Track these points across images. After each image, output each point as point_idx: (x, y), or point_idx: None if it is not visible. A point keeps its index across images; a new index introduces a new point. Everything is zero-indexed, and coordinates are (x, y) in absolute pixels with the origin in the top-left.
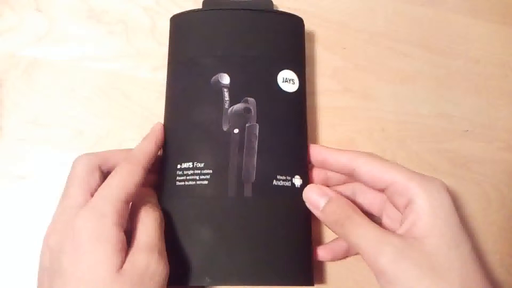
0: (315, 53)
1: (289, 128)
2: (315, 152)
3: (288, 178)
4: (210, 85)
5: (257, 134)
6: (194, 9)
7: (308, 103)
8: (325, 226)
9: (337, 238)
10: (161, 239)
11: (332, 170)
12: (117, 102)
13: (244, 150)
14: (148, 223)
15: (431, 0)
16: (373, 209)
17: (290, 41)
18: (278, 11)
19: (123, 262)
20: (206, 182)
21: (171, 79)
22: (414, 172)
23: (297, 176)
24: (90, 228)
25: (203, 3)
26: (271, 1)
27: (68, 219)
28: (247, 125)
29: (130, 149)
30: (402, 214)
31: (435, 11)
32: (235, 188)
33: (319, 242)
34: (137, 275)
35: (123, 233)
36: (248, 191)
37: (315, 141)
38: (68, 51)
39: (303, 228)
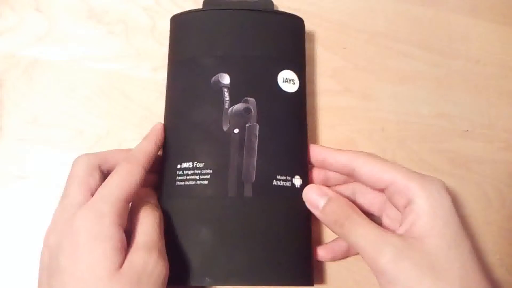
0: (315, 53)
1: (289, 128)
2: (315, 152)
3: (288, 178)
4: (210, 85)
5: (257, 134)
6: (194, 9)
7: (308, 103)
8: (325, 226)
9: (337, 238)
10: (160, 238)
11: (332, 170)
12: (117, 102)
13: (244, 150)
14: (147, 223)
15: (431, 0)
16: (373, 209)
17: (290, 41)
18: (278, 11)
19: (122, 261)
20: (206, 182)
21: (171, 79)
22: (414, 172)
23: (297, 176)
24: (89, 227)
25: (203, 3)
26: (271, 1)
27: (67, 218)
28: (247, 125)
29: (130, 149)
30: (402, 214)
31: (435, 11)
32: (235, 188)
33: (319, 242)
34: (135, 274)
35: (122, 232)
36: (248, 191)
37: (315, 141)
38: (68, 51)
39: (303, 228)
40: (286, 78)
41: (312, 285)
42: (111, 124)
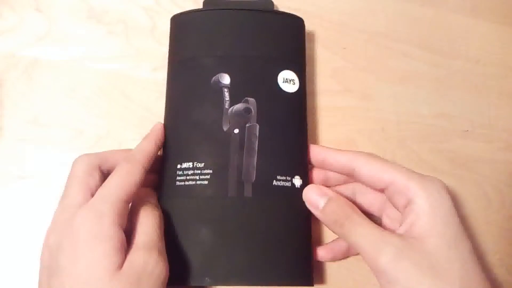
0: (315, 53)
1: (289, 128)
2: (315, 152)
3: (288, 178)
4: (211, 85)
5: (257, 134)
6: (194, 9)
7: (308, 103)
8: (325, 226)
9: (337, 238)
10: (160, 238)
11: (332, 170)
12: (117, 102)
13: (244, 150)
14: (147, 223)
15: (431, 0)
16: (373, 209)
17: (290, 41)
18: (278, 11)
19: (122, 261)
20: (206, 182)
21: (171, 79)
22: (414, 172)
23: (297, 176)
24: (89, 227)
25: (203, 3)
26: (271, 1)
27: (67, 219)
28: (247, 125)
29: (130, 149)
30: (402, 214)
31: (435, 11)
32: (235, 188)
33: (319, 242)
34: (135, 274)
35: (122, 232)
36: (248, 191)
37: (315, 141)
38: (68, 51)
39: (303, 228)
40: (286, 78)
41: (312, 285)
42: (111, 124)
